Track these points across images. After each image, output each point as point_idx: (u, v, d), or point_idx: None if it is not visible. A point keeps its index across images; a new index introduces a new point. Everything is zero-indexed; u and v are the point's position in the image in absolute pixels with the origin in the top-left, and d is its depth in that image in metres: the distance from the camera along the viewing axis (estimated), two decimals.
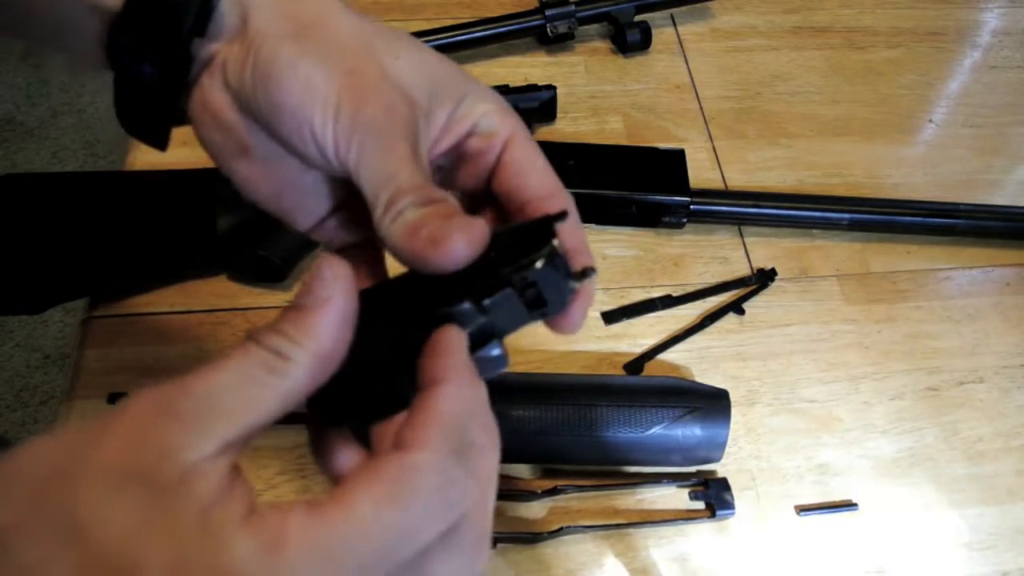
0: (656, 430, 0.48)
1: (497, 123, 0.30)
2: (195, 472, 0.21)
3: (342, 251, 0.32)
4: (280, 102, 0.27)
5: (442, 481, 0.22)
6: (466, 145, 0.30)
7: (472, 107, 0.30)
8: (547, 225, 0.26)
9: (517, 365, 0.55)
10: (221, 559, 0.20)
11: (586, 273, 0.26)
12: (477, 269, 0.26)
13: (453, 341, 0.24)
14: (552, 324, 0.28)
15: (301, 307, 0.23)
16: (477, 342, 0.26)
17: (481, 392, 0.25)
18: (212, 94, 0.28)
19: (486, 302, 0.25)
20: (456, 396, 0.23)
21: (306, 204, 0.31)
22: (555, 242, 0.25)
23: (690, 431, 0.48)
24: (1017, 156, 0.72)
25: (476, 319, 0.25)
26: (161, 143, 0.31)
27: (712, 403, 0.49)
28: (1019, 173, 0.71)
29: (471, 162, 0.30)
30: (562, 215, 0.26)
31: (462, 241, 0.25)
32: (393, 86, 0.28)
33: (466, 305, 0.25)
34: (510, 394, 0.48)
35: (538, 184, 0.30)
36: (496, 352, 0.27)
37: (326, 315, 0.23)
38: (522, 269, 0.25)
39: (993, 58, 0.80)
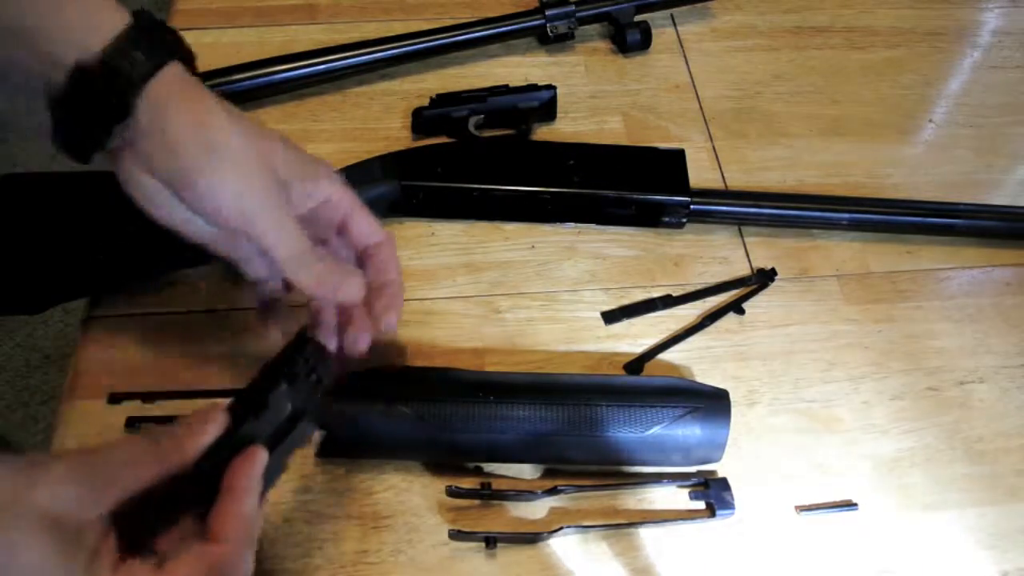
0: (656, 430, 0.48)
1: (339, 197, 0.44)
2: (89, 525, 0.30)
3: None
4: (195, 195, 0.38)
5: (243, 566, 0.34)
6: (320, 210, 0.44)
7: (322, 186, 0.43)
8: (303, 337, 0.42)
9: (518, 365, 0.55)
10: None
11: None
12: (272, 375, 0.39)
13: (254, 460, 0.36)
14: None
15: (192, 427, 0.35)
16: (288, 426, 0.39)
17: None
18: (132, 166, 0.38)
19: (270, 397, 0.38)
20: (252, 503, 0.35)
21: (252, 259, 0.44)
22: (308, 347, 0.41)
23: (690, 431, 0.48)
24: (1017, 156, 0.72)
25: (274, 418, 0.38)
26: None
27: (712, 403, 0.49)
28: (1019, 173, 0.71)
29: (325, 221, 0.45)
30: (304, 330, 0.43)
31: (356, 284, 0.43)
32: (275, 179, 0.39)
33: (251, 420, 0.37)
34: (512, 393, 0.48)
35: (368, 231, 0.45)
36: (308, 428, 0.40)
37: (204, 438, 0.35)
38: (295, 367, 0.40)
39: (993, 58, 0.80)
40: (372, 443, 0.48)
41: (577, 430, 0.48)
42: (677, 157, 0.63)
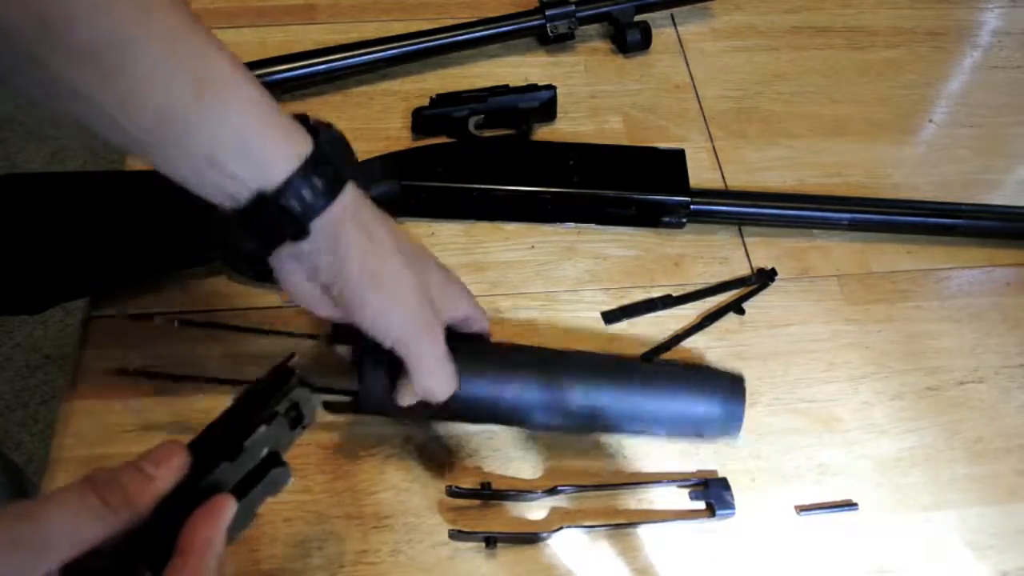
0: (678, 398, 0.50)
1: (471, 316, 0.48)
2: None
3: None
4: (361, 319, 0.41)
5: None
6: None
7: (462, 308, 0.47)
8: (287, 371, 0.37)
9: None
10: None
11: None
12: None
13: (219, 512, 0.32)
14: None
15: (142, 472, 0.31)
16: (262, 470, 0.35)
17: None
18: (294, 270, 0.40)
19: (247, 442, 0.34)
20: (212, 564, 0.31)
21: None
22: (294, 380, 0.37)
23: (710, 402, 0.50)
24: (1017, 156, 0.72)
25: (242, 466, 0.34)
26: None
27: (730, 379, 0.51)
28: (1019, 173, 0.71)
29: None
30: (288, 359, 0.39)
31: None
32: (429, 302, 0.43)
33: (223, 465, 0.33)
34: (550, 366, 0.50)
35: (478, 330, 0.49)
36: (283, 475, 0.36)
37: (159, 485, 0.31)
38: (275, 404, 0.36)
39: (993, 58, 0.80)
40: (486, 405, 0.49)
41: (614, 388, 0.49)
42: (677, 157, 0.63)
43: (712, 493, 0.50)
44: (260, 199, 0.36)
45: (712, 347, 0.58)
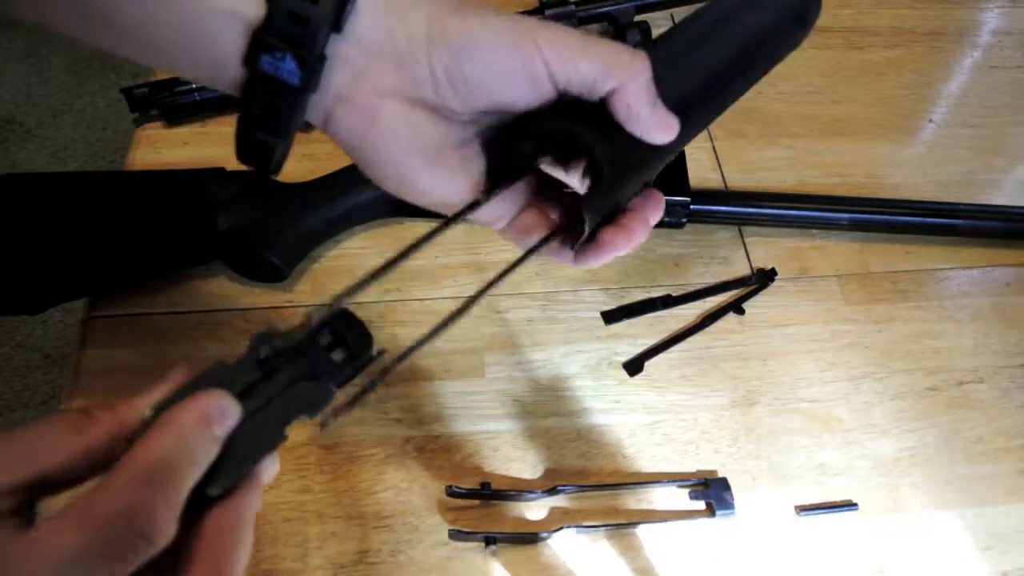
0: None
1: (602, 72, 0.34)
2: None
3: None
4: (484, 65, 0.31)
5: (146, 510, 0.25)
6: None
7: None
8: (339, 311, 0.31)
9: (518, 364, 0.55)
10: None
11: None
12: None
13: (205, 399, 0.27)
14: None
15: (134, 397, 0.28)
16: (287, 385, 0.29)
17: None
18: (365, 98, 0.32)
19: (252, 343, 0.29)
20: (172, 442, 0.26)
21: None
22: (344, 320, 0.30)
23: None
24: (1017, 156, 0.72)
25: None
26: (277, 164, 0.34)
27: None
28: (1019, 173, 0.71)
29: None
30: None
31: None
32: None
33: (217, 365, 0.28)
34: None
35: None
36: (317, 385, 0.30)
37: (151, 396, 0.27)
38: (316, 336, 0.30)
39: (993, 58, 0.80)
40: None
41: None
42: (677, 157, 0.63)
43: (712, 493, 0.50)
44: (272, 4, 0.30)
45: (712, 347, 0.58)
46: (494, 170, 0.36)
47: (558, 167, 0.35)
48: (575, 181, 0.34)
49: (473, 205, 0.34)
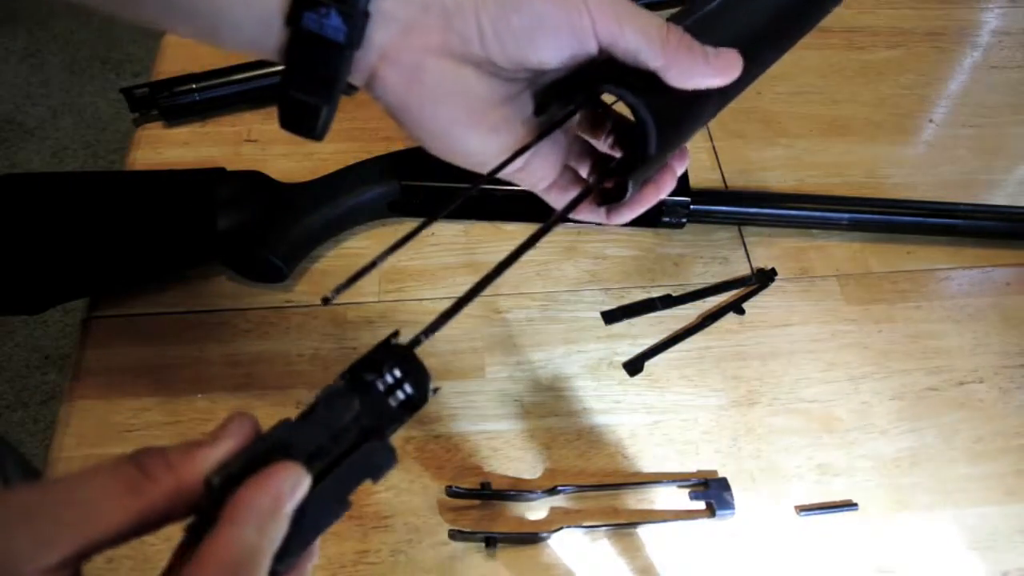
0: None
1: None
2: None
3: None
4: (531, 17, 0.31)
5: None
6: None
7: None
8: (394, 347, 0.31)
9: (518, 365, 0.55)
10: None
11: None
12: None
13: (277, 476, 0.25)
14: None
15: (197, 442, 0.26)
16: (351, 446, 0.27)
17: (265, 541, 0.25)
18: (410, 55, 0.32)
19: (319, 398, 0.27)
20: (251, 537, 0.24)
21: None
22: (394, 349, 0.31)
23: None
24: (1017, 156, 0.72)
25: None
26: (323, 128, 0.33)
27: None
28: (1019, 173, 0.71)
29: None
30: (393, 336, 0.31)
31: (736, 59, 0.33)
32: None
33: (285, 424, 0.27)
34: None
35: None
36: (380, 444, 0.28)
37: (213, 452, 0.25)
38: (376, 373, 0.29)
39: (993, 58, 0.80)
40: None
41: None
42: None
43: (712, 493, 0.50)
44: None
45: (712, 347, 0.58)
46: (538, 123, 0.36)
47: (596, 130, 0.36)
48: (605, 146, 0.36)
49: (513, 157, 0.35)
